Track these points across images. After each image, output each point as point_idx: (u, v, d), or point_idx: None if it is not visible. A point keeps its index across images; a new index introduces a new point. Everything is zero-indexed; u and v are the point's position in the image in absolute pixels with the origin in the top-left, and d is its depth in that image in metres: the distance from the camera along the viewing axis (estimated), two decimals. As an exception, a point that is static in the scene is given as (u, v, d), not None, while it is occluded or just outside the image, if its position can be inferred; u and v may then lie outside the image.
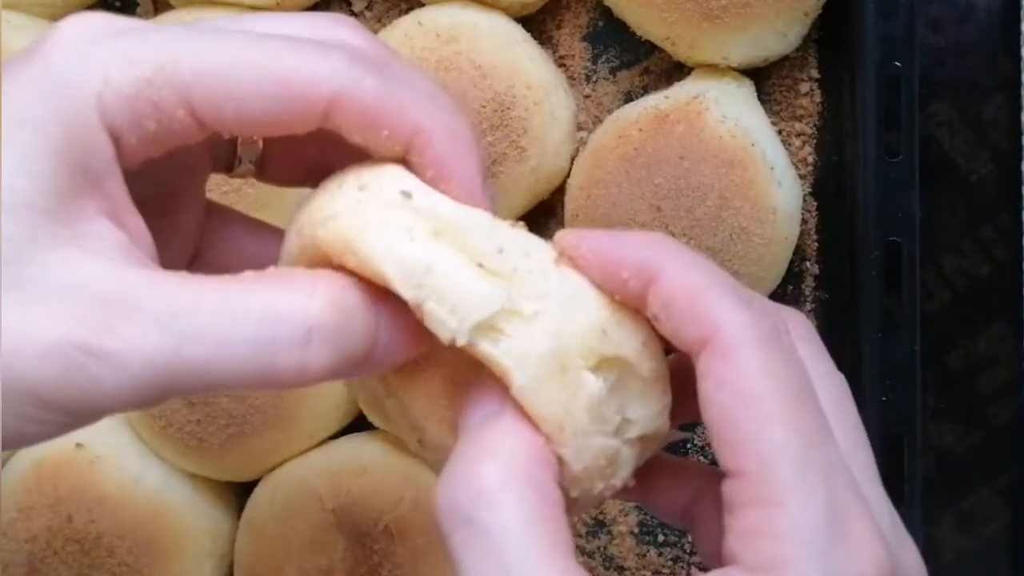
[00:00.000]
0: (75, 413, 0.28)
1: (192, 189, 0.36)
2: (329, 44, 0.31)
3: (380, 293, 0.30)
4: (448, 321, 0.29)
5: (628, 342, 0.31)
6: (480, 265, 0.30)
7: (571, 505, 0.31)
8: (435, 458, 0.34)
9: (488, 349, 0.30)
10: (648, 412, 0.32)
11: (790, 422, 0.27)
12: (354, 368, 0.30)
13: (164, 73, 0.29)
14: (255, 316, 0.28)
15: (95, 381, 0.27)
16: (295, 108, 0.30)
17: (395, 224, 0.30)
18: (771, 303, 0.31)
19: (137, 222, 0.31)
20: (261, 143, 0.37)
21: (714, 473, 0.33)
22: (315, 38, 0.31)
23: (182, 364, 0.28)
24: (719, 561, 0.29)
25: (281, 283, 0.29)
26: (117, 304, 0.28)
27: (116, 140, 0.29)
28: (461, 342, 0.29)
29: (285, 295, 0.28)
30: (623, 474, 0.32)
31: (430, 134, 0.31)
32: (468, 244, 0.30)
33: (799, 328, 0.32)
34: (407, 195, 0.31)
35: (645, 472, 0.33)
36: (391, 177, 0.32)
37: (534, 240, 0.32)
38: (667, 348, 0.32)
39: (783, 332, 0.29)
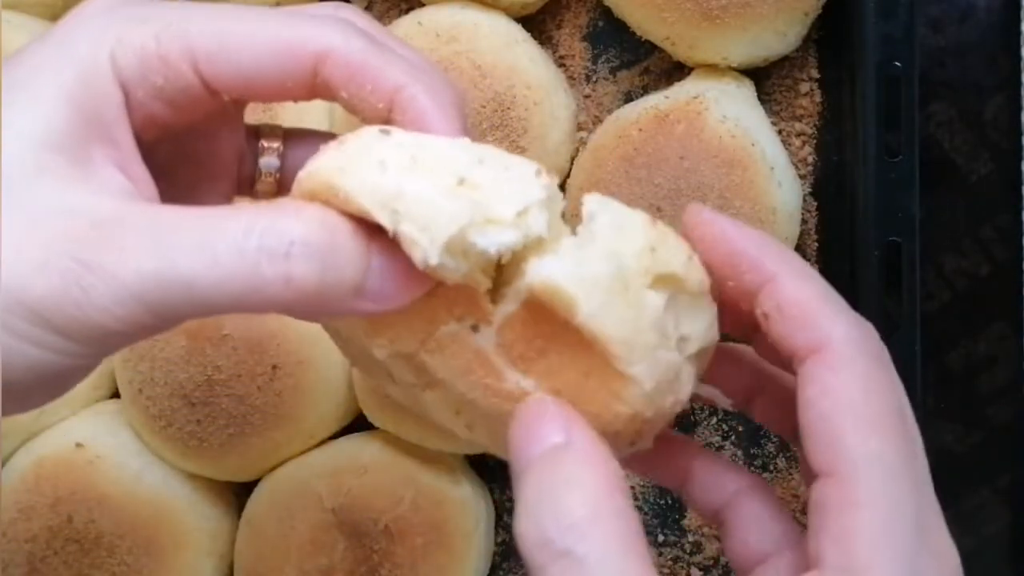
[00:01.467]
0: (70, 331, 0.29)
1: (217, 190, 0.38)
2: (324, 16, 0.33)
3: (374, 232, 0.30)
4: (420, 240, 0.29)
5: (676, 258, 0.32)
6: (461, 182, 0.30)
7: (646, 427, 0.32)
8: (481, 439, 0.35)
9: (545, 278, 0.30)
10: (701, 325, 0.32)
11: (888, 435, 0.29)
12: (347, 296, 0.30)
13: (171, 30, 0.31)
14: (241, 228, 0.29)
15: (87, 292, 0.28)
16: (287, 63, 0.32)
17: (371, 158, 0.31)
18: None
19: (142, 172, 0.32)
20: (280, 151, 0.38)
21: (751, 476, 0.35)
22: (312, 14, 0.34)
23: (171, 275, 0.29)
24: (749, 562, 0.32)
25: (269, 206, 0.30)
26: (113, 225, 0.29)
27: (126, 93, 0.31)
28: (432, 261, 0.29)
29: (271, 213, 0.30)
30: (687, 389, 0.32)
31: (413, 92, 0.33)
32: (446, 164, 0.31)
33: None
34: (385, 132, 0.32)
35: (684, 462, 0.36)
36: (371, 127, 0.32)
37: (515, 157, 0.32)
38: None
39: (886, 351, 0.31)
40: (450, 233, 0.29)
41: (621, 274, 0.30)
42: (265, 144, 0.39)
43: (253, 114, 0.55)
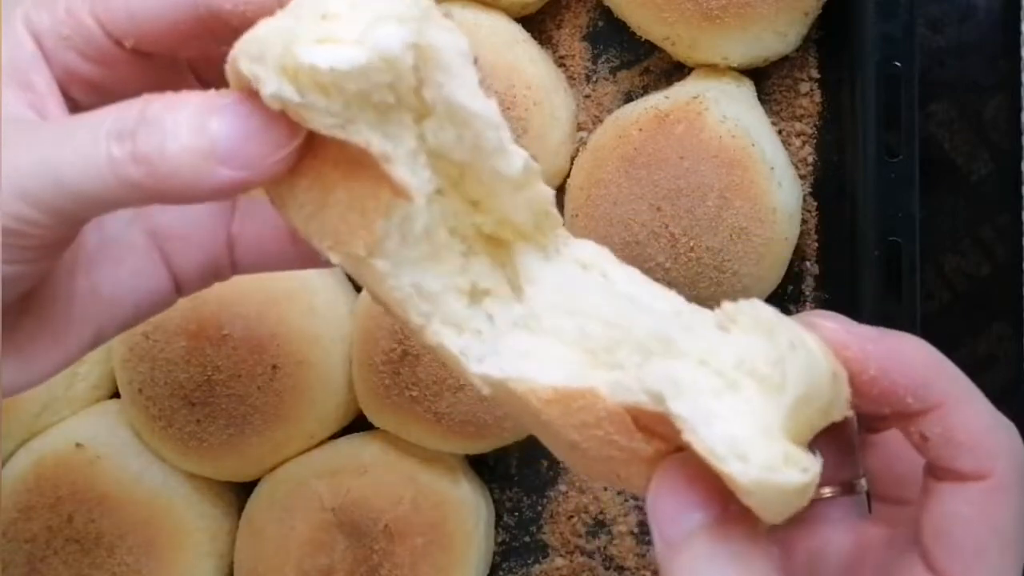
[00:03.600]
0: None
1: None
2: None
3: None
4: (258, 71, 0.29)
5: (840, 402, 0.30)
6: (324, 16, 0.29)
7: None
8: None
9: (715, 448, 0.28)
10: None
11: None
12: (202, 165, 0.30)
13: None
14: (98, 118, 0.31)
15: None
16: None
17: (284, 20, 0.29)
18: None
19: (60, 112, 0.34)
20: None
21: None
22: None
23: (42, 169, 0.31)
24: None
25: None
26: (3, 136, 0.31)
27: (40, 45, 0.33)
28: (270, 90, 0.29)
29: (125, 103, 0.31)
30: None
31: None
32: (319, 5, 0.29)
33: None
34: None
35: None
36: None
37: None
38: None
39: None
40: (276, 53, 0.28)
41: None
42: None
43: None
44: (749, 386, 0.29)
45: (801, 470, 0.28)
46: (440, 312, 0.32)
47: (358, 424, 0.60)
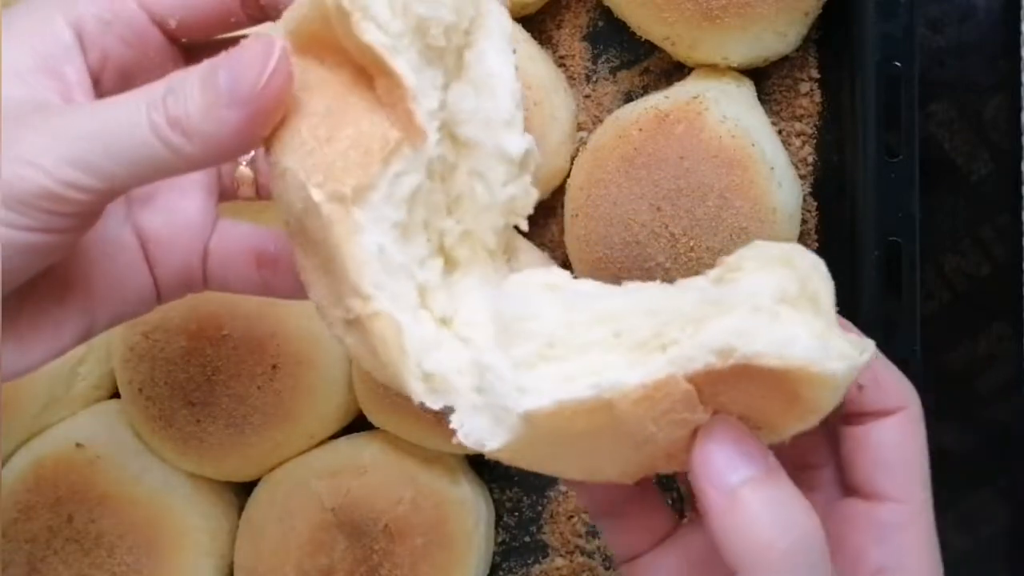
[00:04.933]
0: (30, 203, 0.34)
1: None
2: None
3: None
4: None
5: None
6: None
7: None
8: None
9: (795, 360, 0.31)
10: None
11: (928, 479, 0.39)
12: (221, 106, 0.34)
13: None
14: (141, 93, 0.35)
15: (32, 164, 0.34)
16: None
17: None
18: None
19: (89, 100, 0.37)
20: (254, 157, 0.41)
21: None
22: None
23: (86, 137, 0.34)
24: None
25: None
26: (48, 112, 0.35)
27: (80, 30, 0.37)
28: None
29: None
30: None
31: None
32: None
33: None
34: None
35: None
36: None
37: None
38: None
39: None
40: None
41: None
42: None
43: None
44: (792, 310, 0.33)
45: (863, 351, 0.33)
46: (390, 291, 0.33)
47: (358, 424, 0.60)
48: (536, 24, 0.61)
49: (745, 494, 0.32)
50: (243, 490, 0.60)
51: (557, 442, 0.34)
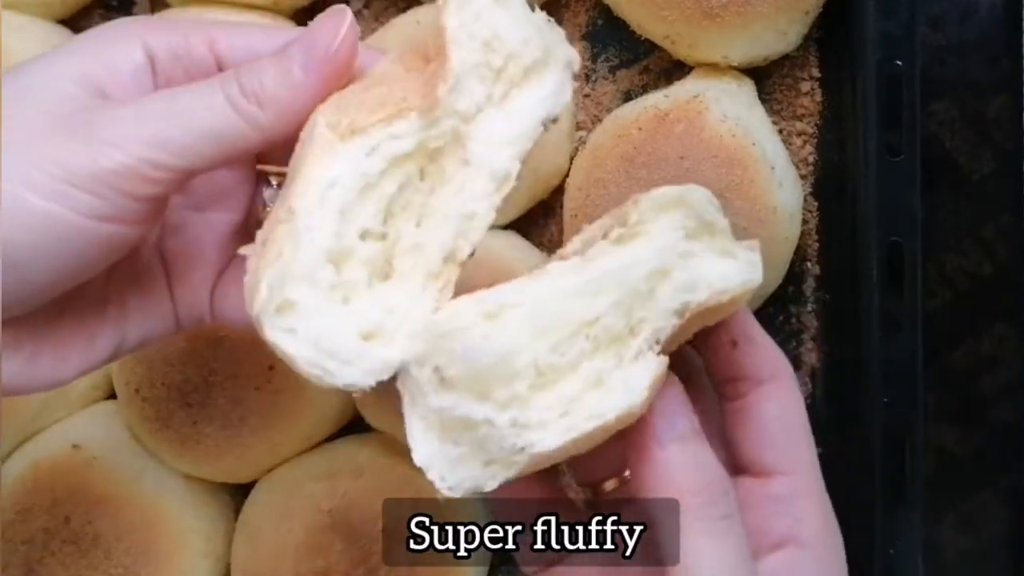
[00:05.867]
0: (118, 189, 0.36)
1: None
2: None
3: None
4: None
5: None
6: None
7: None
8: None
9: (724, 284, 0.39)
10: None
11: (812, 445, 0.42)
12: (294, 70, 0.38)
13: (196, 25, 0.41)
14: (217, 81, 0.39)
15: (110, 143, 0.36)
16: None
17: None
18: None
19: None
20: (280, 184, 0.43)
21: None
22: None
23: (172, 118, 0.37)
24: None
25: None
26: (127, 102, 0.38)
27: (152, 57, 0.40)
28: None
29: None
30: None
31: None
32: None
33: None
34: None
35: None
36: None
37: None
38: None
39: None
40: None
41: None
42: (269, 179, 0.45)
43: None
44: (704, 243, 0.39)
45: (753, 246, 0.40)
46: (315, 221, 0.35)
47: (355, 426, 0.60)
48: (535, 23, 0.61)
49: (682, 441, 0.38)
50: (240, 491, 0.60)
51: (549, 458, 0.36)
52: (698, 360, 0.44)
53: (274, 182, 0.44)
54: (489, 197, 0.37)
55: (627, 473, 0.44)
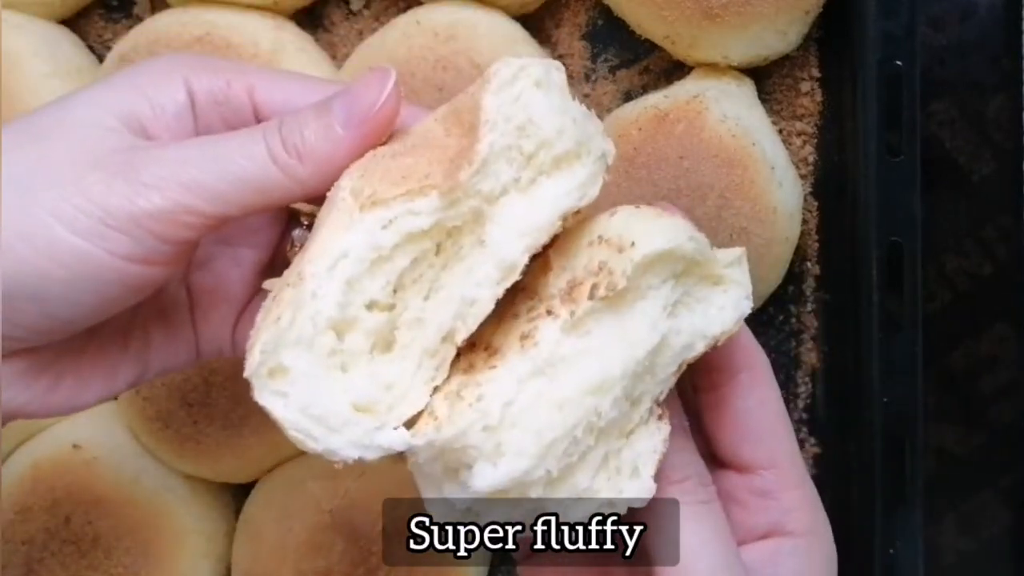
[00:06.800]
0: (146, 228, 0.36)
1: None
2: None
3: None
4: None
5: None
6: None
7: None
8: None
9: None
10: None
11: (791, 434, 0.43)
12: (333, 125, 0.38)
13: (238, 73, 0.41)
14: (259, 132, 0.39)
15: (147, 187, 0.36)
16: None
17: None
18: None
19: None
20: (310, 223, 0.43)
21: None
22: None
23: (210, 165, 0.37)
24: None
25: None
26: (166, 145, 0.38)
27: (193, 99, 0.40)
28: None
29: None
30: None
31: None
32: None
33: None
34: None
35: None
36: None
37: None
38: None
39: None
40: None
41: None
42: (300, 219, 0.45)
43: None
44: (705, 288, 0.39)
45: (738, 256, 0.39)
46: (321, 290, 0.35)
47: (356, 425, 0.60)
48: (535, 23, 0.61)
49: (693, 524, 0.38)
50: (241, 491, 0.60)
51: None
52: None
53: (305, 222, 0.44)
54: (492, 286, 0.37)
55: None
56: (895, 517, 0.52)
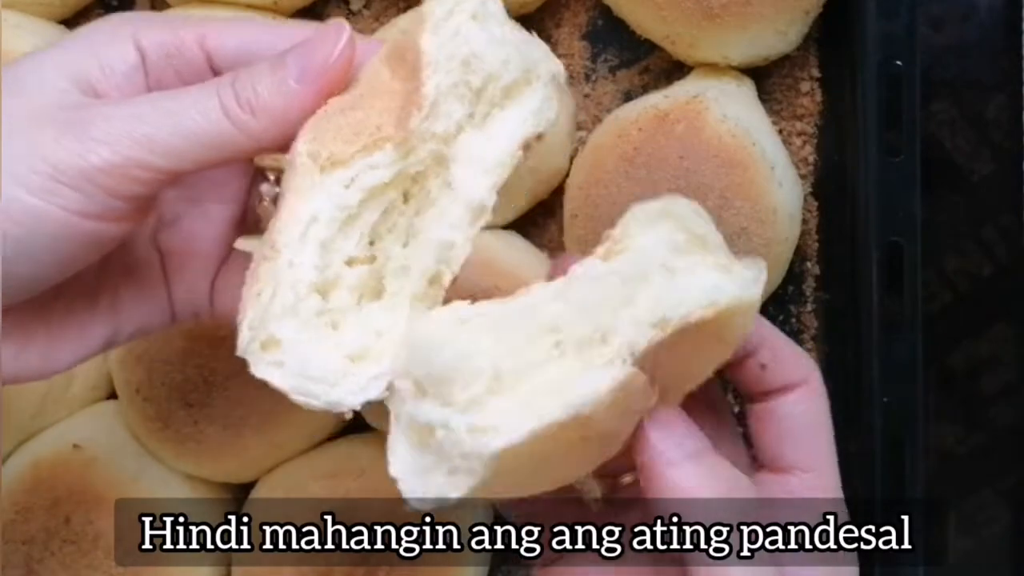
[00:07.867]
0: (97, 185, 0.36)
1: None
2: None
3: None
4: None
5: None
6: None
7: None
8: None
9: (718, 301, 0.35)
10: None
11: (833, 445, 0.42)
12: (285, 77, 0.38)
13: (188, 23, 0.41)
14: (212, 85, 0.38)
15: (97, 141, 0.36)
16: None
17: None
18: None
19: None
20: (278, 177, 0.43)
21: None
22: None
23: (157, 120, 0.37)
24: None
25: None
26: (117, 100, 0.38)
27: (144, 56, 0.39)
28: None
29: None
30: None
31: None
32: None
33: None
34: None
35: None
36: None
37: None
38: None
39: None
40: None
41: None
42: (265, 174, 0.44)
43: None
44: (693, 257, 0.36)
45: (760, 268, 0.36)
46: (296, 258, 0.35)
47: (356, 425, 0.60)
48: (535, 23, 0.61)
49: (693, 462, 0.37)
50: (241, 491, 0.60)
51: (518, 468, 0.34)
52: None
53: (271, 176, 0.44)
54: (466, 228, 0.37)
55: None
56: (895, 517, 0.52)
